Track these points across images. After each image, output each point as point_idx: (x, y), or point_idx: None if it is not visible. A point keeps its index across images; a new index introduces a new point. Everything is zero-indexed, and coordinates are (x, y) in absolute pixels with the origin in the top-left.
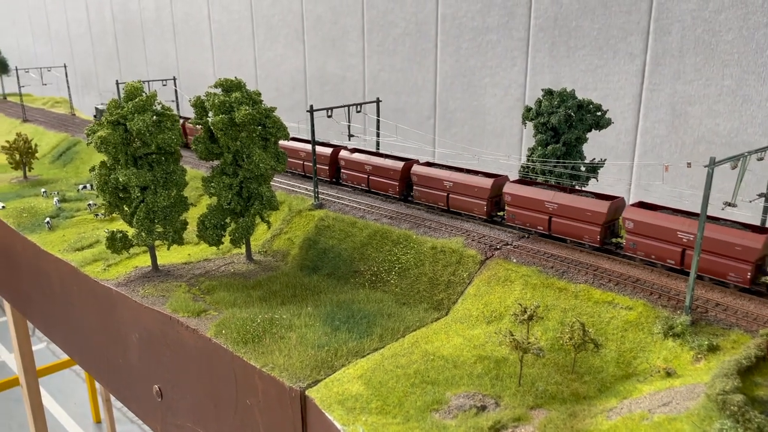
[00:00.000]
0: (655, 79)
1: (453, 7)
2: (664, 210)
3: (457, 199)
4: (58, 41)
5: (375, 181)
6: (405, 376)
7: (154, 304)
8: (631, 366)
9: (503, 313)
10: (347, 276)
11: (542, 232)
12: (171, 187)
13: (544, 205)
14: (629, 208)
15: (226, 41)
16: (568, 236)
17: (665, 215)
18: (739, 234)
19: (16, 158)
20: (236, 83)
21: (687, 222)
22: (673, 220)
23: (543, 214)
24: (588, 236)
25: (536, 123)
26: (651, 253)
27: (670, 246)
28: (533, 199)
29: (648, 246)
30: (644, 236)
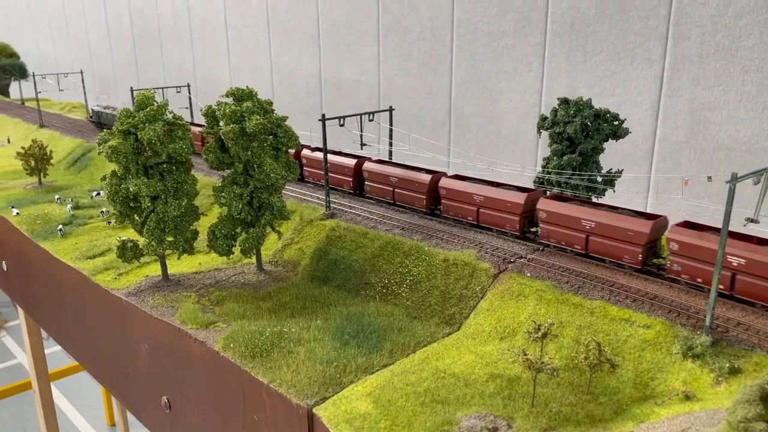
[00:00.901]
0: (673, 85)
1: (469, 12)
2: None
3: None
4: (77, 46)
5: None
6: (415, 395)
7: (163, 315)
8: (649, 387)
9: (516, 329)
10: (358, 288)
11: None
12: (182, 196)
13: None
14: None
15: (242, 47)
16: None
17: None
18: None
19: (31, 164)
20: (247, 92)
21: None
22: None
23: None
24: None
25: (551, 132)
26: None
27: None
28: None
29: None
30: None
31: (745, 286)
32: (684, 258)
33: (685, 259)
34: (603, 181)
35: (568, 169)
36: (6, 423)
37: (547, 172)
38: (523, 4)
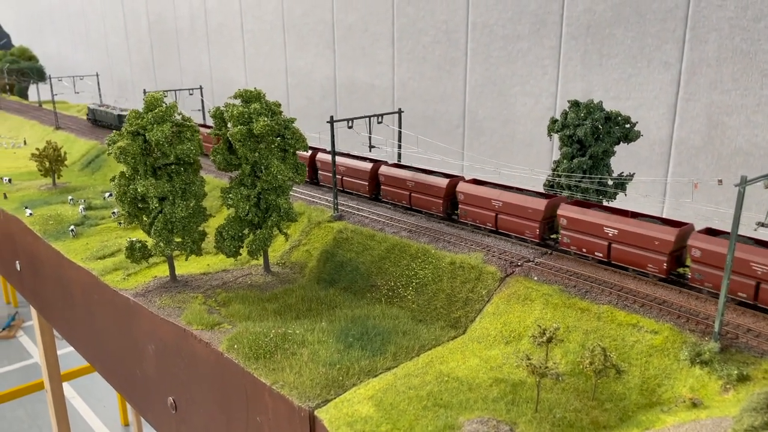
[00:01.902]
0: (690, 89)
1: (484, 15)
2: None
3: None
4: (97, 49)
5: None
6: (417, 399)
7: (170, 316)
8: (655, 394)
9: (522, 333)
10: (364, 290)
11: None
12: (189, 197)
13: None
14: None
15: (258, 50)
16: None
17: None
18: None
19: (46, 166)
20: (255, 94)
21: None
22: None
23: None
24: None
25: (562, 135)
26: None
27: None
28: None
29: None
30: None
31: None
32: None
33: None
34: (614, 185)
35: (579, 172)
36: (22, 422)
37: (557, 175)
38: (539, 7)
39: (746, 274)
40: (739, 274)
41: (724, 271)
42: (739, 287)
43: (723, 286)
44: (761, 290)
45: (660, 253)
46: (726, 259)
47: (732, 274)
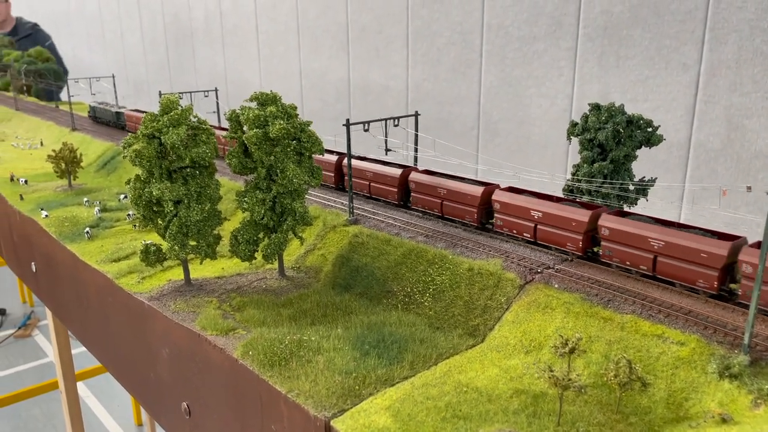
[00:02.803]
0: (709, 91)
1: (499, 17)
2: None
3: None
4: (113, 51)
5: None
6: (435, 409)
7: (184, 320)
8: (682, 408)
9: (543, 342)
10: (380, 296)
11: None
12: (204, 201)
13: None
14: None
15: (272, 52)
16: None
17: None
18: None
19: (62, 167)
20: (271, 97)
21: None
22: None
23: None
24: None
25: (582, 139)
26: None
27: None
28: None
29: None
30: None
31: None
32: None
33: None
34: (635, 190)
35: (599, 176)
36: (37, 420)
37: (577, 180)
38: (555, 8)
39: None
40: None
41: (755, 281)
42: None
43: (753, 297)
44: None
45: (711, 268)
46: None
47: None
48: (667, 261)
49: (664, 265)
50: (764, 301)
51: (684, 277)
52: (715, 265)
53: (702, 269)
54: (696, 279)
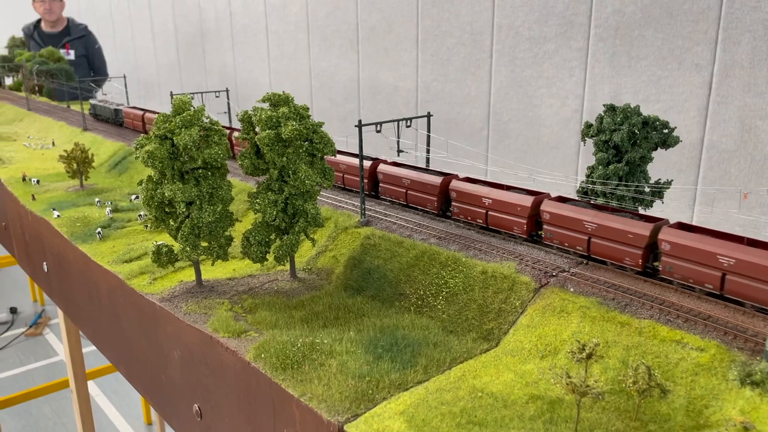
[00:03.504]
0: (723, 92)
1: (510, 17)
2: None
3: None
4: (124, 51)
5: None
6: (450, 415)
7: (196, 322)
8: (703, 416)
9: (559, 347)
10: (392, 299)
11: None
12: (216, 202)
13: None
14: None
15: (282, 52)
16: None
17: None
18: None
19: (73, 167)
20: (284, 98)
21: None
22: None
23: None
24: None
25: (597, 140)
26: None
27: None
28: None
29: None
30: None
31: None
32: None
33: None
34: (651, 192)
35: (614, 178)
36: (48, 419)
37: (592, 182)
38: (566, 8)
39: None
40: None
41: None
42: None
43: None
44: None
45: (636, 247)
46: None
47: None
48: (737, 280)
49: (734, 285)
50: (681, 275)
51: (614, 255)
52: (639, 244)
53: (629, 248)
54: (623, 257)
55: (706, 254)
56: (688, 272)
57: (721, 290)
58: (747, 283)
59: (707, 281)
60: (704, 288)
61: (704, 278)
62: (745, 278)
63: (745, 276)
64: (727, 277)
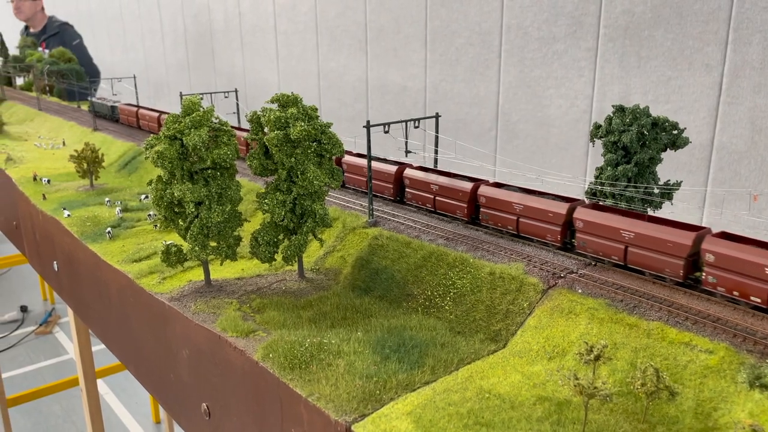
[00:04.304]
0: (733, 92)
1: (519, 17)
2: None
3: (640, 255)
4: (134, 52)
5: (526, 225)
6: (457, 416)
7: (205, 322)
8: (711, 419)
9: (566, 348)
10: (400, 299)
11: (759, 305)
12: (225, 202)
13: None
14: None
15: (291, 52)
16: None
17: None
18: None
19: (84, 167)
20: (292, 98)
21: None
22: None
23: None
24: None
25: (605, 141)
26: None
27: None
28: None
29: None
30: None
31: None
32: None
33: None
34: (660, 194)
35: (623, 180)
36: (57, 416)
37: (600, 183)
38: (575, 8)
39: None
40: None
41: None
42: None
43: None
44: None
45: (555, 225)
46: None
47: None
48: (637, 251)
49: (634, 255)
50: (726, 288)
51: (653, 265)
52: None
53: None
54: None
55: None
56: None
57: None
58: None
59: (756, 295)
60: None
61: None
62: (530, 219)
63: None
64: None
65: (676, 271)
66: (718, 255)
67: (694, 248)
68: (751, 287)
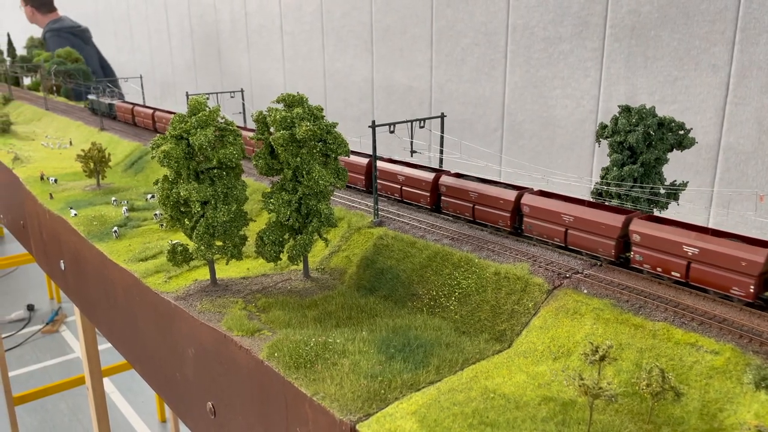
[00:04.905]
0: (740, 93)
1: (524, 17)
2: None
3: (702, 271)
4: (140, 52)
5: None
6: (462, 416)
7: (210, 321)
8: (717, 419)
9: (571, 349)
10: (404, 299)
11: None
12: (231, 202)
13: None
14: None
15: (296, 52)
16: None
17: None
18: None
19: (90, 167)
20: (298, 98)
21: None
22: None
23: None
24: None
25: (611, 142)
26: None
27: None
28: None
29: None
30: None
31: None
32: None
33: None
34: (666, 194)
35: (629, 180)
36: (63, 415)
37: (606, 183)
38: (581, 9)
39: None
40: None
41: None
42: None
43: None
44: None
45: (505, 211)
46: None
47: None
48: (700, 267)
49: (697, 272)
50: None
51: (718, 284)
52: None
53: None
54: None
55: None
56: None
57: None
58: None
59: (676, 270)
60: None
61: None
62: (485, 206)
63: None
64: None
65: (745, 289)
66: (643, 235)
67: (624, 230)
68: (672, 263)
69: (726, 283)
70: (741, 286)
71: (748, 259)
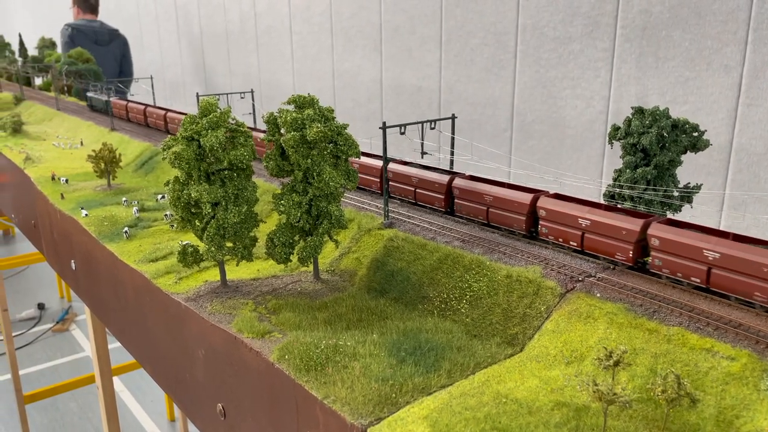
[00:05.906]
0: (752, 93)
1: (534, 17)
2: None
3: (728, 278)
4: (150, 52)
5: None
6: (474, 420)
7: (221, 322)
8: (733, 426)
9: (585, 353)
10: (415, 302)
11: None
12: (242, 203)
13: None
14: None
15: (305, 53)
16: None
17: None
18: None
19: (101, 167)
20: (309, 100)
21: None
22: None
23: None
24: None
25: (624, 144)
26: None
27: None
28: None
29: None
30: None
31: None
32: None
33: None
34: (680, 197)
35: (642, 182)
36: (73, 414)
37: (619, 186)
38: (592, 8)
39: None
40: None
41: None
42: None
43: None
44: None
45: (483, 204)
46: None
47: None
48: (723, 273)
49: (719, 278)
50: None
51: (741, 290)
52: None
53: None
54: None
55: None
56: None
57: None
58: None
59: (695, 276)
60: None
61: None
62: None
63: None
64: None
65: (626, 254)
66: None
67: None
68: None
69: (749, 290)
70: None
71: (627, 228)
